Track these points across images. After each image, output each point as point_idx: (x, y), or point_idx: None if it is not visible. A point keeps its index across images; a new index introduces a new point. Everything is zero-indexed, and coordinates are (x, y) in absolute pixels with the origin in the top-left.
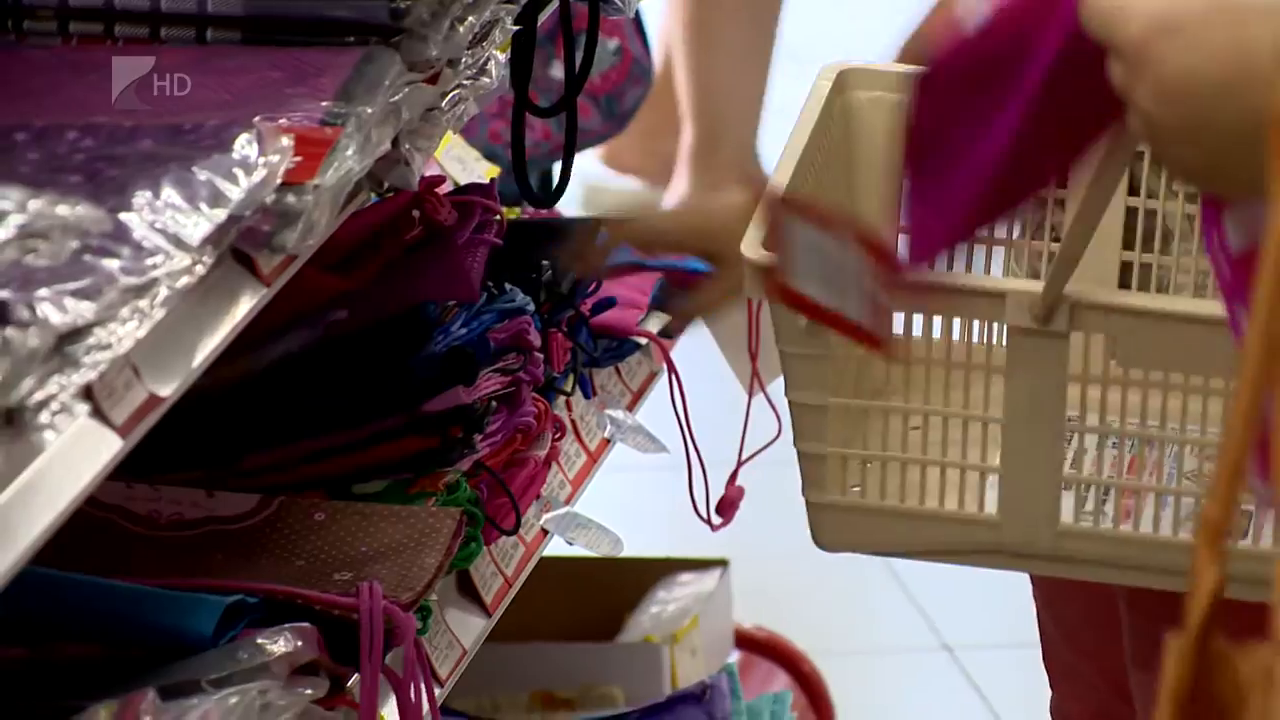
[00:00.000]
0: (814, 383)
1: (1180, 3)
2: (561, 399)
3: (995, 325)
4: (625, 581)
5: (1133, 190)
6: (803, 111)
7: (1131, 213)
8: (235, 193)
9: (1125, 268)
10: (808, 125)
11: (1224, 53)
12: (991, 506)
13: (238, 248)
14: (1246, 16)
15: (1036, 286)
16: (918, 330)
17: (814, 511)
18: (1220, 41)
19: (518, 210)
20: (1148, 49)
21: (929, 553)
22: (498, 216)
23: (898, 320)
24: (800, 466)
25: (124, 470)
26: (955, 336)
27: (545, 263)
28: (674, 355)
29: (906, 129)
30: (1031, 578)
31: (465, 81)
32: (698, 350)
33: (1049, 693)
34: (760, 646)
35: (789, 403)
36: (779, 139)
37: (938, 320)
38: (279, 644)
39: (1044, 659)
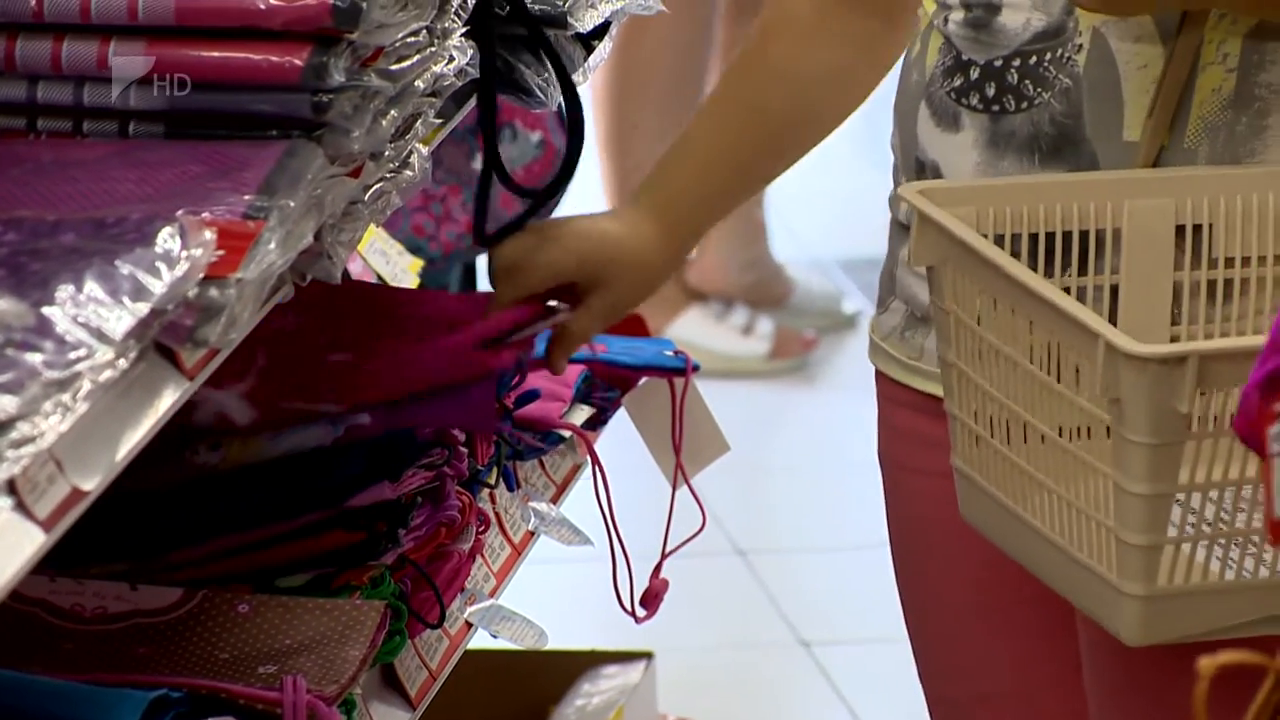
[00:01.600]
0: (1168, 474)
1: None
2: (485, 492)
3: None
4: (550, 674)
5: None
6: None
7: (1177, 285)
8: (158, 286)
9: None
10: (995, 252)
11: None
12: None
13: (160, 341)
14: None
15: None
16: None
17: (1139, 606)
18: None
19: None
20: None
21: (1259, 623)
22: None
23: None
24: (1121, 561)
25: (47, 563)
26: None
27: None
28: (598, 447)
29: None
30: (938, 632)
31: (388, 175)
32: (622, 443)
33: None
34: None
35: (1128, 494)
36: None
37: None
38: None
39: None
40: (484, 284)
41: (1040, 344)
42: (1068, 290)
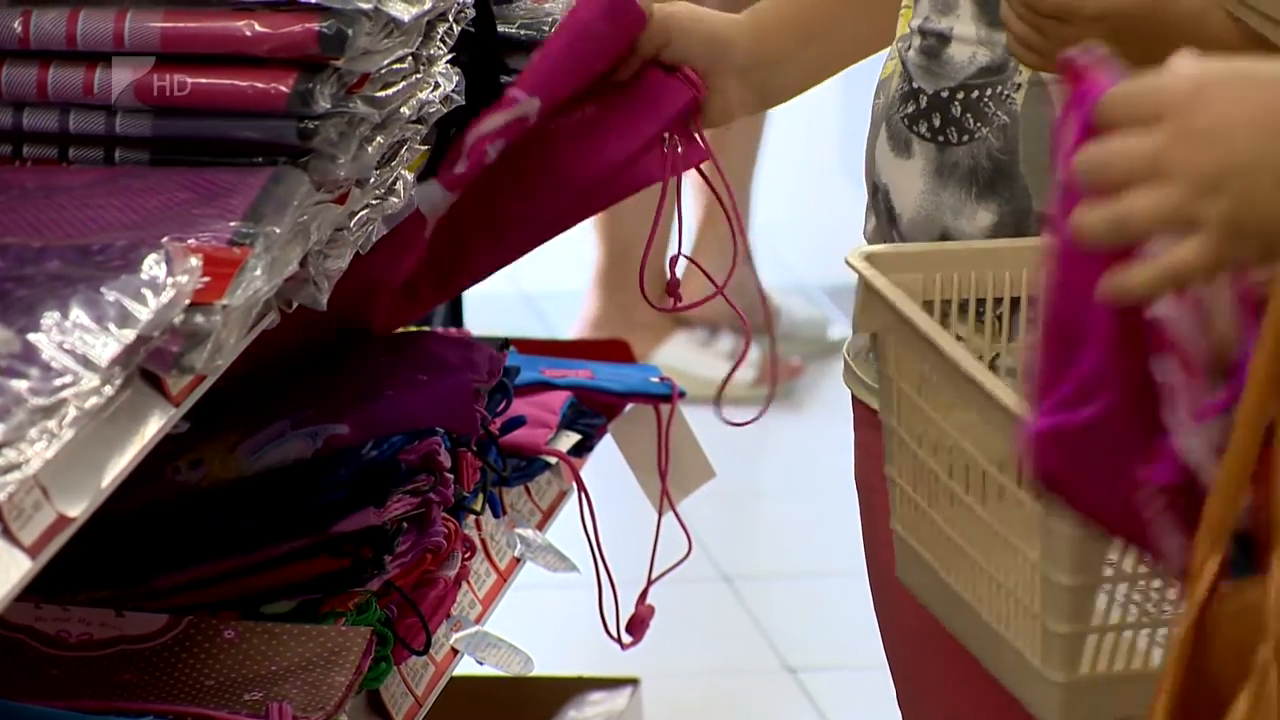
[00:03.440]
0: (1094, 565)
1: (1209, 66)
2: (471, 518)
3: None
4: (536, 700)
5: None
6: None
7: None
8: (143, 313)
9: None
10: (933, 328)
11: (1258, 96)
12: None
13: (146, 368)
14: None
15: None
16: None
17: (1060, 692)
18: (1253, 91)
19: None
20: (1189, 101)
21: None
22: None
23: None
24: (1045, 646)
25: (32, 590)
26: None
27: None
28: (584, 474)
29: None
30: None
31: (373, 201)
32: (607, 469)
33: None
34: None
35: (1054, 584)
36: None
37: None
38: None
39: None
40: (469, 320)
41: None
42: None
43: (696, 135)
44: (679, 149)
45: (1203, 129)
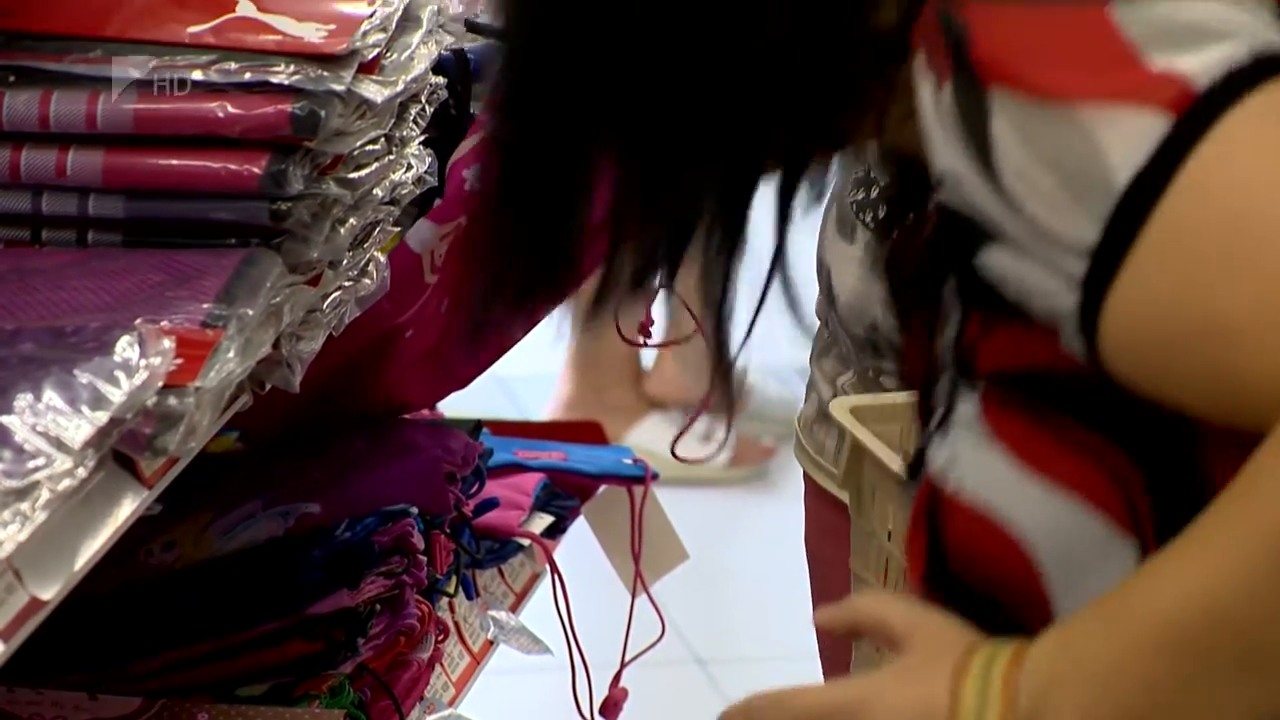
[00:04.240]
0: None
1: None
2: (444, 600)
3: None
4: None
5: None
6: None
7: None
8: (117, 395)
9: None
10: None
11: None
12: None
13: (119, 450)
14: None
15: None
16: None
17: None
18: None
19: None
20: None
21: None
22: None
23: None
24: None
25: (5, 674)
26: None
27: None
28: (557, 556)
29: None
30: None
31: (346, 283)
32: (581, 551)
33: None
34: None
35: None
36: None
37: None
38: None
39: None
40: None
41: None
42: None
43: None
44: None
45: None
